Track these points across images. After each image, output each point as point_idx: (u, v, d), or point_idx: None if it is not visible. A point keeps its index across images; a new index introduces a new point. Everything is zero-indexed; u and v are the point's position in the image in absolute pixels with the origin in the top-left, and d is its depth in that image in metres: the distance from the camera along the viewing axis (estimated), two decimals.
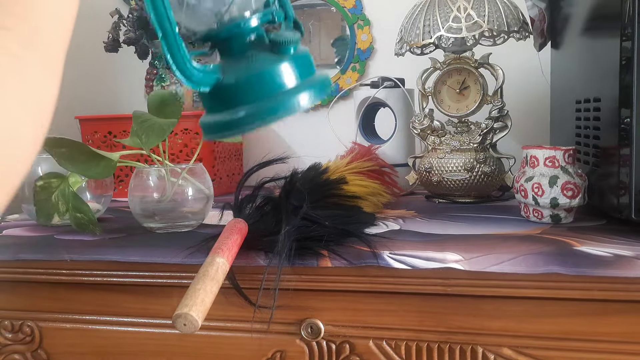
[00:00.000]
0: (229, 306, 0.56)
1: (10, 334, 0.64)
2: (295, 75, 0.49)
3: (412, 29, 0.77)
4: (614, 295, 0.47)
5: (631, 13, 0.51)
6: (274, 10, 0.52)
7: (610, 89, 0.55)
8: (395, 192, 0.81)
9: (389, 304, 0.53)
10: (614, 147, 0.55)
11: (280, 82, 0.48)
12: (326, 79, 0.51)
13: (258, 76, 0.48)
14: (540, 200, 0.60)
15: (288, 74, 0.48)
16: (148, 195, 0.66)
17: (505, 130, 0.78)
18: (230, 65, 0.49)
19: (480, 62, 0.78)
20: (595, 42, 0.63)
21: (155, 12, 0.45)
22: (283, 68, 0.48)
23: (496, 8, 0.74)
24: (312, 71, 0.51)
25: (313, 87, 0.49)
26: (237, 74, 0.48)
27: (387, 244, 0.54)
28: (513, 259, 0.49)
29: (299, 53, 0.50)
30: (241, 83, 0.48)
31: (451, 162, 0.77)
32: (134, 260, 0.57)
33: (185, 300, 0.42)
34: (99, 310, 0.61)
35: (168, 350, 0.59)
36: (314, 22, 1.11)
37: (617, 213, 0.55)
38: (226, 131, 0.49)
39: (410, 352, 0.53)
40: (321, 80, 0.50)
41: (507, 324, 0.51)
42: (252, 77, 0.48)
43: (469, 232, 0.59)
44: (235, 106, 0.48)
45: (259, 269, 0.53)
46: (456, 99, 0.80)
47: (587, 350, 0.49)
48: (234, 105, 0.48)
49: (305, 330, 0.55)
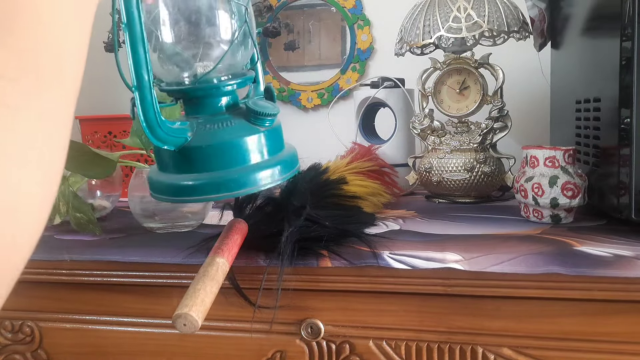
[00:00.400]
0: (229, 306, 0.56)
1: (10, 334, 0.64)
2: (267, 149, 0.46)
3: (412, 29, 0.77)
4: (614, 296, 0.47)
5: (631, 13, 0.51)
6: (250, 77, 0.50)
7: (610, 89, 0.55)
8: (395, 192, 0.81)
9: (389, 304, 0.53)
10: (614, 147, 0.55)
11: (250, 155, 0.45)
12: (294, 155, 0.49)
13: (230, 145, 0.45)
14: (540, 201, 0.60)
15: (260, 147, 0.46)
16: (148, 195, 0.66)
17: (505, 131, 0.78)
18: (200, 126, 0.46)
19: (480, 62, 0.78)
20: (595, 42, 0.63)
21: (135, 60, 0.42)
22: (256, 140, 0.46)
23: (496, 8, 0.74)
24: (281, 146, 0.49)
25: (281, 163, 0.47)
26: (207, 137, 0.45)
27: (387, 244, 0.54)
28: (513, 259, 0.49)
29: (273, 126, 0.48)
30: (211, 149, 0.45)
31: (451, 162, 0.77)
32: (134, 260, 0.57)
33: (185, 301, 0.42)
34: (99, 310, 0.61)
35: (168, 350, 0.59)
36: (314, 22, 1.11)
37: (617, 213, 0.55)
38: (184, 196, 0.45)
39: (410, 352, 0.53)
40: (290, 157, 0.48)
41: (507, 324, 0.51)
42: (224, 145, 0.45)
43: (469, 232, 0.59)
44: (198, 171, 0.45)
45: (259, 269, 0.53)
46: (456, 99, 0.80)
47: (587, 351, 0.49)
48: (196, 170, 0.45)
49: (305, 330, 0.55)
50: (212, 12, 0.46)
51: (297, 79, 1.13)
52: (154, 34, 0.46)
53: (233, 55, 0.47)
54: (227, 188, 0.44)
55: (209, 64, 0.46)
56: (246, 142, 0.45)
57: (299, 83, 1.12)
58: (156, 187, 0.47)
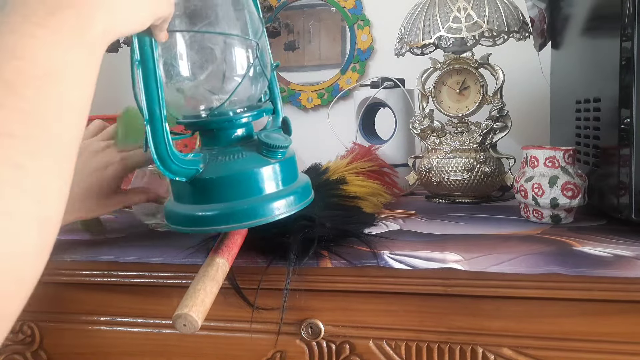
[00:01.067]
0: (229, 306, 0.56)
1: (10, 334, 0.64)
2: (279, 180, 0.47)
3: (412, 29, 0.77)
4: (614, 296, 0.47)
5: (631, 13, 0.51)
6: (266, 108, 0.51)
7: (610, 89, 0.55)
8: (395, 193, 0.81)
9: (389, 304, 0.53)
10: (614, 147, 0.55)
11: (262, 186, 0.46)
12: (307, 186, 0.49)
13: (240, 176, 0.46)
14: (540, 201, 0.60)
15: (272, 178, 0.46)
16: None
17: (505, 131, 0.78)
18: (212, 157, 0.47)
19: (480, 62, 0.78)
20: (595, 43, 0.63)
21: (147, 93, 0.43)
22: (268, 172, 0.46)
23: (496, 8, 0.74)
24: (295, 176, 0.49)
25: (295, 194, 0.47)
26: (218, 169, 0.46)
27: (387, 244, 0.54)
28: (513, 259, 0.49)
29: (286, 157, 0.48)
30: (221, 180, 0.45)
31: (451, 163, 0.77)
32: (134, 261, 0.57)
33: (185, 301, 0.42)
34: (99, 310, 0.61)
35: (168, 350, 0.59)
36: (314, 23, 1.12)
37: (617, 213, 0.55)
38: (196, 227, 0.46)
39: (410, 353, 0.53)
40: (303, 187, 0.49)
41: (507, 324, 0.51)
42: (234, 177, 0.45)
43: (469, 233, 0.59)
44: (210, 202, 0.45)
45: (258, 270, 0.53)
46: (456, 99, 0.80)
47: (587, 351, 0.49)
48: (209, 201, 0.46)
49: (305, 330, 0.55)
50: (228, 48, 0.47)
51: (297, 79, 1.13)
52: (173, 68, 0.47)
53: (247, 89, 0.48)
54: (238, 219, 0.45)
55: (223, 97, 0.47)
56: (256, 173, 0.46)
57: (299, 83, 1.12)
58: (171, 217, 0.48)
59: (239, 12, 0.48)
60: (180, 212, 0.47)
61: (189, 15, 0.46)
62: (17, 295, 0.26)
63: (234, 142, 0.49)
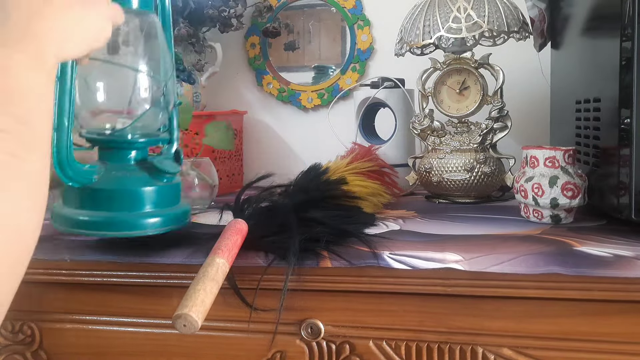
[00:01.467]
0: (228, 307, 0.56)
1: (11, 334, 0.64)
2: (160, 201, 0.54)
3: (412, 29, 0.77)
4: (614, 296, 0.47)
5: (631, 13, 0.51)
6: (162, 138, 0.59)
7: (610, 90, 0.55)
8: (395, 193, 0.81)
9: (389, 304, 0.53)
10: (614, 147, 0.55)
11: (144, 203, 0.53)
12: (185, 212, 0.57)
13: (128, 192, 0.53)
14: (541, 201, 0.60)
15: (154, 198, 0.54)
16: None
17: (505, 131, 0.78)
18: (106, 171, 0.54)
19: (480, 62, 0.78)
20: (595, 43, 0.63)
21: (60, 105, 0.49)
22: (151, 192, 0.54)
23: (496, 8, 0.74)
24: (175, 201, 0.57)
25: (168, 216, 0.55)
26: (109, 182, 0.53)
27: (387, 244, 0.54)
28: (513, 259, 0.49)
29: (172, 183, 0.56)
30: (111, 192, 0.53)
31: (451, 163, 0.77)
32: (134, 261, 0.57)
33: (185, 301, 0.42)
34: (99, 310, 0.61)
35: (168, 350, 0.59)
36: (314, 23, 1.11)
37: (617, 213, 0.55)
38: (78, 229, 0.53)
39: (410, 353, 0.53)
40: (180, 213, 0.56)
41: (507, 324, 0.51)
42: (123, 192, 0.53)
43: (469, 233, 0.59)
44: (97, 209, 0.53)
45: (258, 270, 0.53)
46: (456, 99, 0.80)
47: (588, 351, 0.49)
48: (95, 208, 0.53)
49: (305, 330, 0.55)
50: (138, 81, 0.55)
51: (297, 79, 1.13)
52: (87, 87, 0.55)
53: (149, 118, 0.56)
54: (116, 227, 0.52)
55: (127, 121, 0.55)
56: (142, 191, 0.54)
57: (299, 83, 1.12)
58: (57, 219, 0.55)
59: (154, 51, 0.57)
60: (66, 215, 0.54)
61: (110, 45, 0.54)
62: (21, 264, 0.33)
63: (129, 161, 0.56)
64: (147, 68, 0.55)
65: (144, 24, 0.56)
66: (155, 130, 0.59)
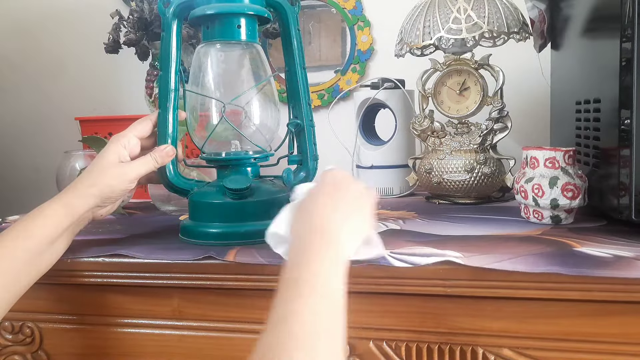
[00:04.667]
0: (229, 306, 0.56)
1: (11, 335, 0.64)
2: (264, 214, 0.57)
3: (412, 30, 0.77)
4: (614, 296, 0.47)
5: (631, 14, 0.51)
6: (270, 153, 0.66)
7: (610, 90, 0.55)
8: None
9: (389, 304, 0.53)
10: (614, 148, 0.55)
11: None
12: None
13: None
14: (541, 201, 0.60)
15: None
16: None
17: (505, 131, 0.78)
18: (209, 187, 0.62)
19: (480, 63, 0.78)
20: (595, 43, 0.63)
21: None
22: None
23: (496, 9, 0.74)
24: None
25: None
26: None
27: (387, 243, 0.54)
28: (513, 260, 0.49)
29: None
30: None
31: (451, 163, 0.77)
32: (134, 261, 0.57)
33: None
34: (99, 310, 0.61)
35: (168, 350, 0.59)
36: (314, 24, 1.12)
37: (617, 214, 0.55)
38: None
39: (410, 353, 0.53)
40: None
41: (507, 325, 0.51)
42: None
43: (469, 233, 0.59)
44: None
45: (258, 270, 0.53)
46: (456, 100, 0.80)
47: (588, 351, 0.49)
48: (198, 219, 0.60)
49: None
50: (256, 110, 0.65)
51: None
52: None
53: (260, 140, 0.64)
54: (247, 237, 0.57)
55: (237, 143, 0.64)
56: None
57: None
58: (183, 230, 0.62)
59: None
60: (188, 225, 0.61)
61: None
62: None
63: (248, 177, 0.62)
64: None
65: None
66: (268, 149, 0.66)
